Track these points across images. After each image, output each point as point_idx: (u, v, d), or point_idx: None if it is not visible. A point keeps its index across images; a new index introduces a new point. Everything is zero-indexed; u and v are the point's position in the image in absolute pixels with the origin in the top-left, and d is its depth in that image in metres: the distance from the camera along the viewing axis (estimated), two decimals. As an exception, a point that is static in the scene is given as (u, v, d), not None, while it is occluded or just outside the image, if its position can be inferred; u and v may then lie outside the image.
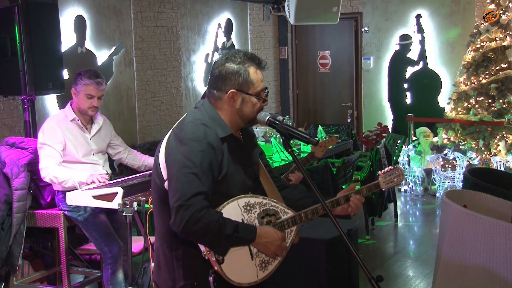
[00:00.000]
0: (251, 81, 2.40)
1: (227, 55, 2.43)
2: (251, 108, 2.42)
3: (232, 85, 2.39)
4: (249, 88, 2.40)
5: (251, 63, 2.41)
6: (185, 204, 2.22)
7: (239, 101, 2.40)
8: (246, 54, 2.43)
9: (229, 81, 2.39)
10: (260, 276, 2.40)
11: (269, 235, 2.37)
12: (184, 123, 2.40)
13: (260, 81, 2.43)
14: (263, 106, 2.46)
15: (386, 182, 2.56)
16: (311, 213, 2.48)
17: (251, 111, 2.43)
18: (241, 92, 2.39)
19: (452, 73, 8.47)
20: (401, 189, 7.86)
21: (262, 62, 2.46)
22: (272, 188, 2.57)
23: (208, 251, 2.30)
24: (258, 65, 2.44)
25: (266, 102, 2.47)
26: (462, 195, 3.94)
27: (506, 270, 3.29)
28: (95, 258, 4.78)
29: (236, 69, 2.39)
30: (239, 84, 2.39)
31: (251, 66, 2.41)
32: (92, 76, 4.03)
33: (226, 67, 2.40)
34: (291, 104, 9.73)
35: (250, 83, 2.40)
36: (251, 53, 2.47)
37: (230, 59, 2.41)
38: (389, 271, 5.19)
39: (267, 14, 9.18)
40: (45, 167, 3.92)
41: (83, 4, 6.11)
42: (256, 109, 2.43)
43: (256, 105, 2.43)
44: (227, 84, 2.40)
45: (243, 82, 2.39)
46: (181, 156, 2.28)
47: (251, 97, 2.41)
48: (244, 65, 2.40)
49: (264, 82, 2.47)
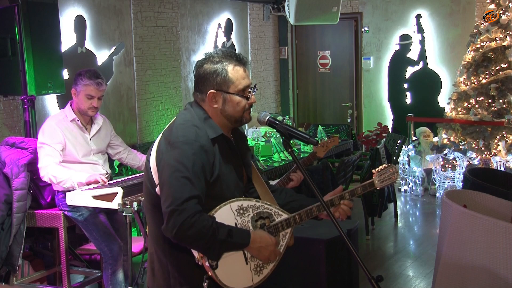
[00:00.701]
0: (230, 79, 2.35)
1: (206, 56, 2.40)
2: (235, 107, 2.37)
3: (211, 86, 2.36)
4: (229, 87, 2.36)
5: (230, 61, 2.36)
6: (178, 209, 2.18)
7: (220, 101, 2.37)
8: (224, 52, 2.38)
9: (208, 81, 2.36)
10: (255, 281, 2.37)
11: (263, 240, 2.34)
12: (175, 125, 2.36)
13: (242, 79, 2.37)
14: (251, 103, 2.41)
15: (380, 180, 2.50)
16: (305, 215, 2.44)
17: (235, 110, 2.38)
18: (221, 91, 2.36)
19: (452, 73, 8.47)
20: (401, 189, 7.86)
21: (243, 58, 2.40)
22: (265, 190, 2.53)
23: (202, 256, 2.27)
24: (238, 61, 2.38)
25: (253, 99, 2.41)
26: (462, 195, 3.94)
27: (506, 270, 3.29)
28: (95, 258, 4.78)
29: (214, 68, 2.35)
30: (217, 84, 2.35)
31: (230, 64, 2.36)
32: (92, 77, 4.03)
33: (204, 68, 2.37)
34: (291, 104, 9.73)
35: (229, 82, 2.35)
36: (231, 50, 2.42)
37: (209, 59, 2.38)
38: (389, 271, 5.19)
39: (267, 14, 9.18)
40: (44, 166, 3.92)
41: (83, 4, 6.10)
42: (241, 107, 2.38)
43: (240, 104, 2.38)
44: (206, 85, 2.36)
45: (222, 81, 2.35)
46: (172, 160, 2.24)
47: (232, 96, 2.36)
48: (222, 64, 2.35)
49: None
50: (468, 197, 3.91)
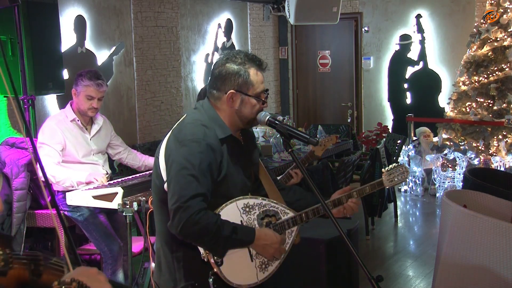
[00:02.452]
0: (251, 82, 2.38)
1: (228, 55, 2.42)
2: (250, 109, 2.41)
3: (231, 86, 2.38)
4: (248, 89, 2.38)
5: (252, 64, 2.40)
6: (183, 206, 2.21)
7: (238, 102, 2.39)
8: (247, 55, 2.42)
9: (229, 81, 2.38)
10: (260, 278, 2.40)
11: (268, 238, 2.36)
12: (184, 124, 2.39)
13: (260, 83, 2.41)
14: (262, 107, 2.45)
15: (389, 180, 2.52)
16: (311, 213, 2.48)
17: (250, 112, 2.41)
18: (240, 93, 2.38)
19: (452, 73, 8.47)
20: (401, 189, 7.86)
21: (263, 63, 2.45)
22: (273, 188, 2.56)
23: (207, 253, 2.29)
24: (259, 66, 2.42)
25: (266, 103, 2.46)
26: (462, 195, 3.94)
27: (506, 270, 3.29)
28: (95, 258, 4.78)
29: (236, 69, 2.37)
30: (238, 85, 2.37)
31: (252, 67, 2.39)
32: (93, 77, 4.03)
33: (226, 67, 2.39)
34: (291, 104, 9.73)
35: (250, 84, 2.38)
36: (252, 54, 2.45)
37: (231, 59, 2.40)
38: (389, 271, 5.19)
39: (267, 14, 9.18)
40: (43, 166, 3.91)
41: (83, 4, 6.11)
42: (256, 110, 2.42)
43: (255, 107, 2.41)
44: (226, 84, 2.38)
45: (243, 83, 2.37)
46: (180, 158, 2.27)
47: (250, 98, 2.39)
48: (244, 66, 2.38)
49: (264, 82, 2.47)
50: (468, 197, 3.91)
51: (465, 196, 3.91)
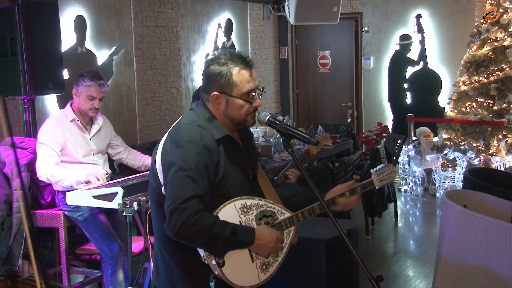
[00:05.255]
0: (234, 82, 2.34)
1: (213, 56, 2.39)
2: (238, 110, 2.37)
3: (214, 87, 2.35)
4: (232, 90, 2.34)
5: (236, 64, 2.35)
6: (179, 208, 2.18)
7: (223, 103, 2.36)
8: (232, 54, 2.37)
9: (212, 83, 2.35)
10: (262, 278, 2.38)
11: (264, 237, 2.33)
12: (180, 125, 2.38)
13: (246, 82, 2.36)
14: (255, 107, 2.40)
15: (379, 180, 2.58)
16: (308, 213, 2.46)
17: (238, 113, 2.38)
18: (224, 94, 2.35)
19: (452, 73, 8.47)
20: (401, 189, 7.86)
21: (249, 61, 2.39)
22: (270, 188, 2.55)
23: (208, 255, 2.27)
24: (245, 64, 2.37)
25: (258, 102, 2.40)
26: (462, 195, 3.94)
27: (505, 270, 3.29)
28: (95, 258, 4.78)
29: (219, 70, 2.34)
30: (221, 86, 2.34)
31: (236, 67, 2.35)
32: (94, 78, 4.03)
33: (210, 69, 2.36)
34: (291, 104, 9.73)
35: (233, 85, 2.34)
36: (238, 52, 2.40)
37: (215, 60, 2.37)
38: (389, 271, 5.19)
39: (267, 14, 9.18)
40: (41, 166, 3.92)
41: (83, 4, 6.11)
42: (244, 111, 2.38)
43: (243, 107, 2.37)
44: (211, 86, 2.36)
45: (225, 83, 2.34)
46: (176, 159, 2.26)
47: (235, 99, 2.35)
48: (227, 66, 2.34)
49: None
50: (468, 197, 3.91)
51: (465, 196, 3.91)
